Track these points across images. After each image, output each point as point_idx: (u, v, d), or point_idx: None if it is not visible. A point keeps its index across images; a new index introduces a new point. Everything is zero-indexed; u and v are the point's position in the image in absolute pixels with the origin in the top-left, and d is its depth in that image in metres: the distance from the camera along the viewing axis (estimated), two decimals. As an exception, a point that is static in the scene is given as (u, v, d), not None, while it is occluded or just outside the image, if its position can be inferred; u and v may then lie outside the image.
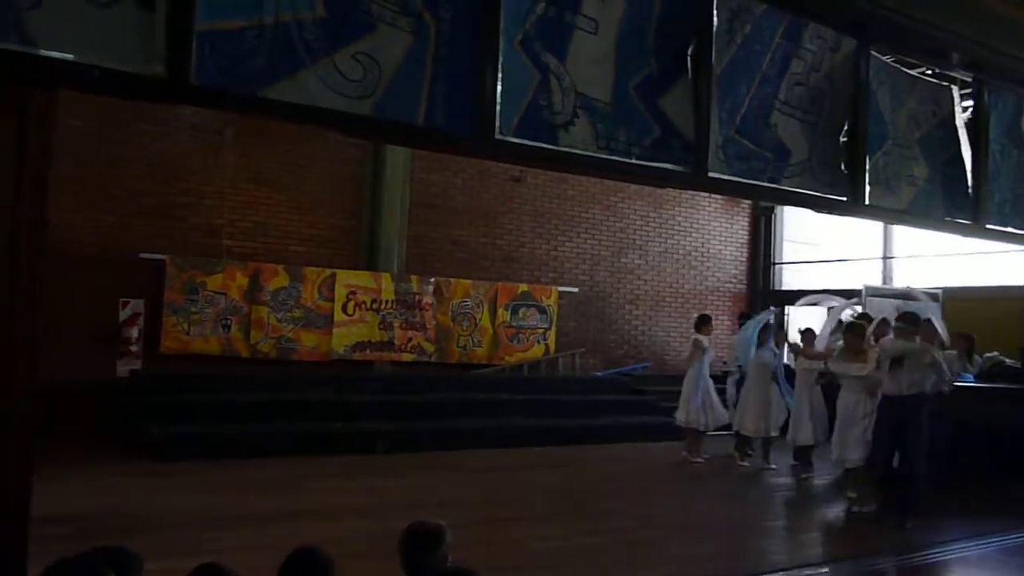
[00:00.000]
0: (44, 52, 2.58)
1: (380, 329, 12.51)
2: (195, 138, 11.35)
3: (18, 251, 2.58)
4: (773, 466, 10.22)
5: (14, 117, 2.58)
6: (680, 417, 10.80)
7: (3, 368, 2.59)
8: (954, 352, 10.36)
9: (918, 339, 7.69)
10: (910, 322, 7.71)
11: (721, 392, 11.18)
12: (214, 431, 9.88)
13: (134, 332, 10.87)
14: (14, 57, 2.55)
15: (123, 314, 10.82)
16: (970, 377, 9.52)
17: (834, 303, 11.34)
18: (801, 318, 13.26)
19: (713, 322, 11.62)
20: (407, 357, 12.75)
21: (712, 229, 16.08)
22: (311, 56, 3.06)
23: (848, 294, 11.85)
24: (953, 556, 6.69)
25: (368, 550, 5.10)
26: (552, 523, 7.21)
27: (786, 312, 14.71)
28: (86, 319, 10.25)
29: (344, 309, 12.23)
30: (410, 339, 12.76)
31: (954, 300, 12.81)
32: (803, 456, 10.05)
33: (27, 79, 2.61)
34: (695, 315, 12.21)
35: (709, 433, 10.84)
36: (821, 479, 9.68)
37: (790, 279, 16.31)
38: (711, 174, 4.15)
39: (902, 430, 7.40)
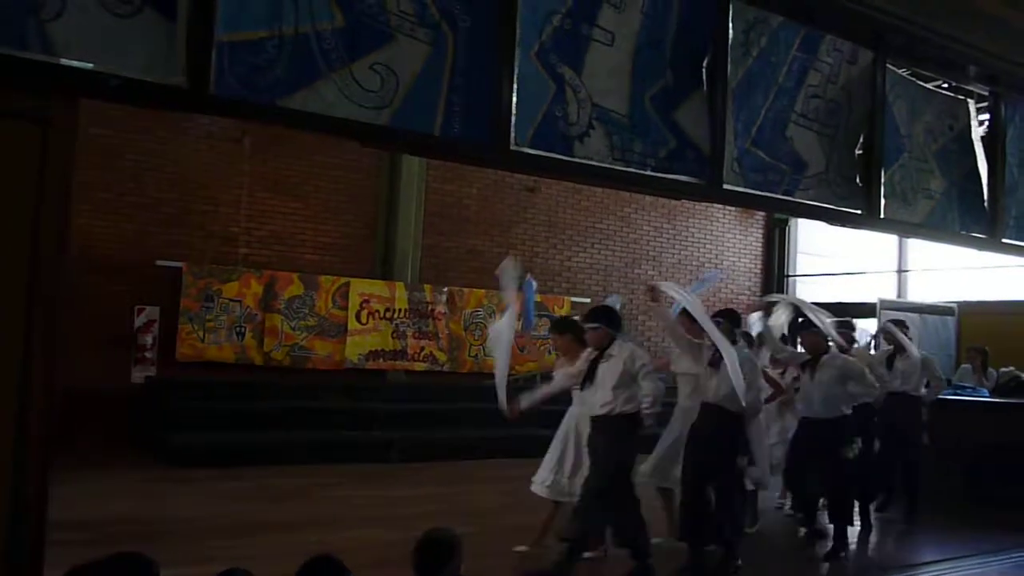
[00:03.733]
0: (65, 61, 2.62)
1: (393, 338, 12.53)
2: (213, 146, 11.41)
3: (40, 258, 2.60)
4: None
5: (37, 126, 2.61)
6: None
7: (22, 373, 2.61)
8: (969, 366, 10.32)
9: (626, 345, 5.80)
10: (604, 320, 5.81)
11: None
12: (228, 439, 9.91)
13: (149, 339, 10.92)
14: (37, 66, 2.59)
15: (138, 321, 10.86)
16: (985, 392, 9.44)
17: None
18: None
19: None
20: (419, 366, 12.76)
21: (726, 241, 16.04)
22: (329, 66, 3.09)
23: (859, 308, 11.61)
24: (965, 571, 6.63)
25: (383, 559, 5.11)
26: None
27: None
28: (101, 326, 10.29)
29: (358, 318, 12.26)
30: (423, 348, 12.77)
31: (969, 314, 12.76)
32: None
33: (49, 88, 2.65)
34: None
35: None
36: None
37: (804, 292, 16.24)
38: (726, 186, 4.16)
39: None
